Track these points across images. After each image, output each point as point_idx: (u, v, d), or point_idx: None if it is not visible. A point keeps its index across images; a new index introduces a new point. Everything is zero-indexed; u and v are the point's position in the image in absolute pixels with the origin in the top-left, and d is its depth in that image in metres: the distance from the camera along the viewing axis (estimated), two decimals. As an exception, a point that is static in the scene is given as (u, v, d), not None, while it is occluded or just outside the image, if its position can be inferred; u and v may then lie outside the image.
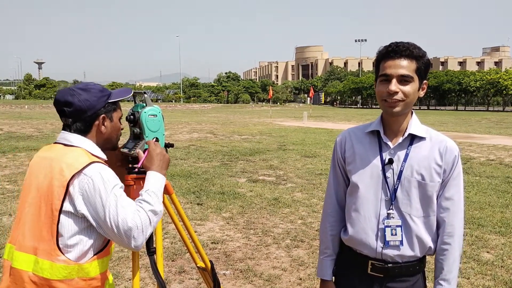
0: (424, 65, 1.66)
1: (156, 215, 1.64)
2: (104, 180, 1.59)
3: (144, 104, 1.93)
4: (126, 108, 1.81)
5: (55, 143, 1.73)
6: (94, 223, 1.59)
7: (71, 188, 1.57)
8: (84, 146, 1.69)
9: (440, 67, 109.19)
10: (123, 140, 1.89)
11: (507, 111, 54.96)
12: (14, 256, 1.62)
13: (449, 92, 65.34)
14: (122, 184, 1.68)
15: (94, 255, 1.65)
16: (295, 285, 4.00)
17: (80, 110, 1.68)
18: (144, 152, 1.85)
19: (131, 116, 1.91)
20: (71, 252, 1.59)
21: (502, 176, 9.18)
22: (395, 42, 1.68)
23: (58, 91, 1.73)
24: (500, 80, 57.08)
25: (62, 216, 1.57)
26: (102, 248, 1.68)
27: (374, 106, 73.44)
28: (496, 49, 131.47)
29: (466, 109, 64.59)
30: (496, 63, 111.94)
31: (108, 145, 1.79)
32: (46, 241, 1.57)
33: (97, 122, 1.72)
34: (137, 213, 1.60)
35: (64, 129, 1.73)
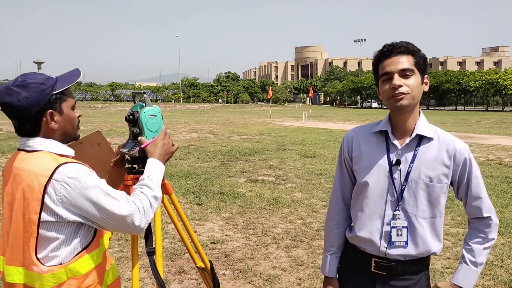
0: (421, 60, 1.68)
1: (157, 201, 1.65)
2: (78, 179, 1.49)
3: (144, 104, 1.92)
4: (126, 108, 1.80)
5: (19, 149, 1.61)
6: (88, 223, 1.54)
7: (46, 199, 1.47)
8: (46, 148, 1.56)
9: (440, 67, 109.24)
10: (121, 140, 1.88)
11: (506, 111, 54.99)
12: (5, 271, 1.57)
13: (448, 92, 65.39)
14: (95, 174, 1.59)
15: (80, 251, 1.58)
16: (294, 285, 3.99)
17: (22, 110, 1.51)
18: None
19: (131, 116, 1.89)
20: (54, 258, 1.53)
21: (502, 176, 9.18)
22: (388, 43, 1.70)
23: None
24: (499, 80, 57.15)
25: (41, 228, 1.49)
26: (89, 243, 1.61)
27: (374, 106, 73.42)
28: (496, 49, 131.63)
29: (465, 109, 64.66)
30: (495, 63, 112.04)
31: (66, 139, 1.65)
32: (28, 254, 1.51)
33: (45, 119, 1.56)
34: (135, 198, 1.58)
35: (18, 133, 1.60)
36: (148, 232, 1.90)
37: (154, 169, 1.72)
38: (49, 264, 1.52)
